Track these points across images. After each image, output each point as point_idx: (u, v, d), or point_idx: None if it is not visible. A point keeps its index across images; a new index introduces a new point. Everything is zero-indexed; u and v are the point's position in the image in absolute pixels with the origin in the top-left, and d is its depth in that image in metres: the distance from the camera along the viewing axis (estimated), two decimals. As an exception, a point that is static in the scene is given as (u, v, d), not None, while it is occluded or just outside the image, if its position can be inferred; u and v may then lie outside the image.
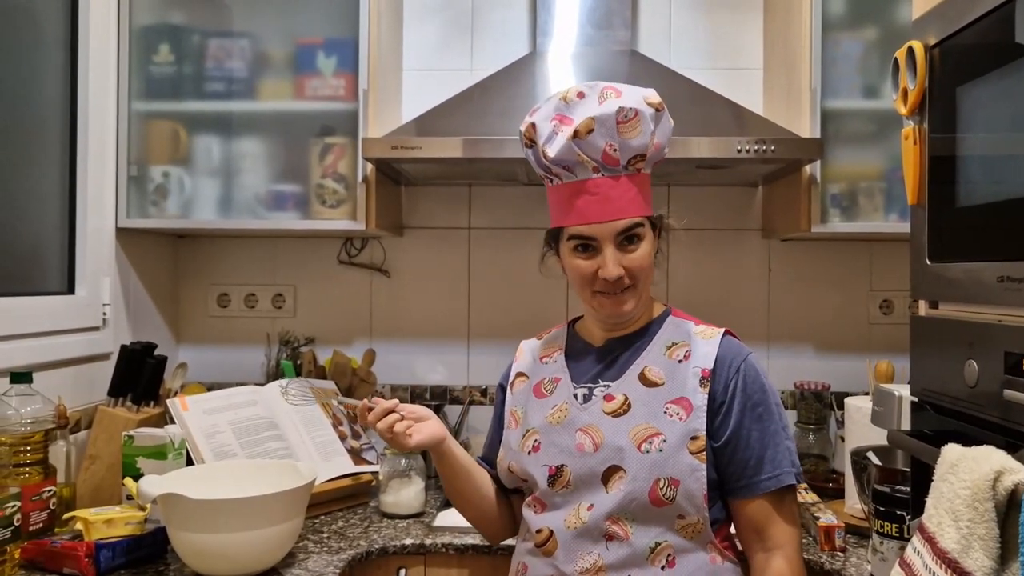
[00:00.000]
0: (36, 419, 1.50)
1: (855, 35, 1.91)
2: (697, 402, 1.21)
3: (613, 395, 1.25)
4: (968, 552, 0.88)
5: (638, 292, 1.25)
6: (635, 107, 1.17)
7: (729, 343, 1.26)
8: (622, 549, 1.18)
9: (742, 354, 1.25)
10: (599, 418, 1.24)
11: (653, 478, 1.18)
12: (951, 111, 1.12)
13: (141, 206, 1.98)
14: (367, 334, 2.34)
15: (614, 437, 1.21)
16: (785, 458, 1.22)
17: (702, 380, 1.22)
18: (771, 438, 1.22)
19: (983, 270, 1.04)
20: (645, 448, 1.19)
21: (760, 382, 1.24)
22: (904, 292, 2.26)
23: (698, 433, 1.19)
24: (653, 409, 1.21)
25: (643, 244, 1.23)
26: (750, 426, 1.21)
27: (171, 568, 1.44)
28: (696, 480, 1.18)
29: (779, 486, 1.21)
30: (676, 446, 1.19)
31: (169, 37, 1.97)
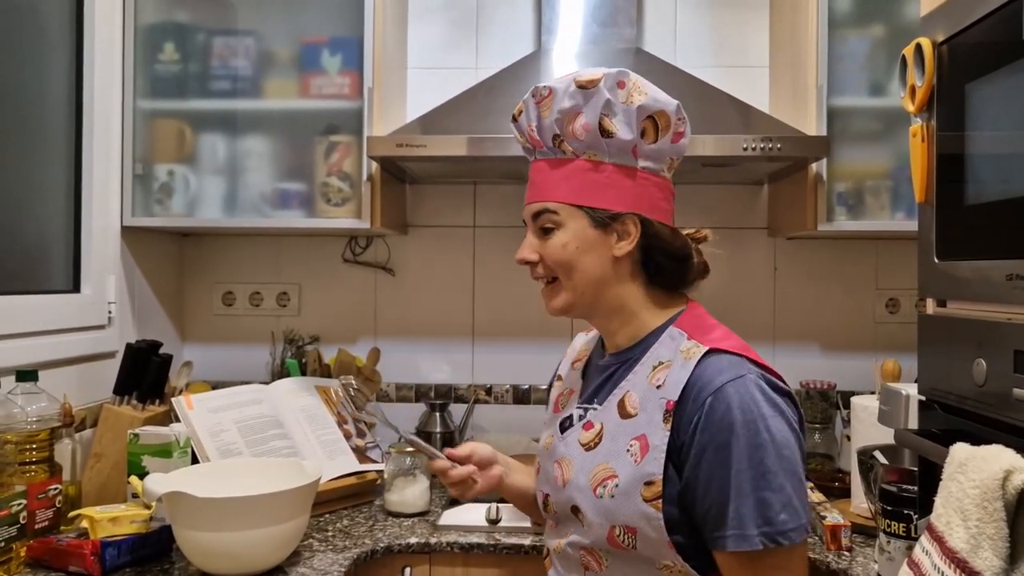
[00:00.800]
0: (42, 417, 1.50)
1: (862, 32, 1.91)
2: (655, 440, 1.06)
3: (592, 423, 1.16)
4: (977, 552, 0.87)
5: (567, 289, 1.15)
6: (552, 85, 1.13)
7: (707, 367, 1.06)
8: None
9: (715, 382, 1.04)
10: (573, 450, 1.17)
11: (608, 525, 1.09)
12: (959, 108, 1.12)
13: (146, 205, 1.98)
14: (372, 332, 2.33)
15: (578, 475, 1.14)
16: (748, 515, 1.00)
17: (665, 414, 1.06)
18: (732, 489, 1.00)
19: (992, 268, 1.03)
20: (600, 492, 1.10)
21: (729, 419, 1.01)
22: (910, 291, 2.25)
23: (653, 478, 1.05)
24: (617, 446, 1.10)
25: (557, 233, 1.13)
26: (709, 472, 1.02)
27: (176, 566, 1.44)
28: (654, 529, 1.05)
29: (736, 548, 1.00)
30: (628, 492, 1.06)
31: (174, 36, 1.97)
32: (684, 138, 1.16)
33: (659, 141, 1.13)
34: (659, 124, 1.12)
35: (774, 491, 1.00)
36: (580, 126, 1.11)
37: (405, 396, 2.32)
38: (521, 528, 1.68)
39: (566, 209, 1.13)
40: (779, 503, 1.00)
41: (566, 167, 1.13)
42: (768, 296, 2.28)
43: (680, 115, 1.15)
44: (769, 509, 1.00)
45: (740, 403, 1.02)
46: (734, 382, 1.04)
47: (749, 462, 1.00)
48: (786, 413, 1.05)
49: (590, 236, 1.13)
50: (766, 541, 0.99)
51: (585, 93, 1.10)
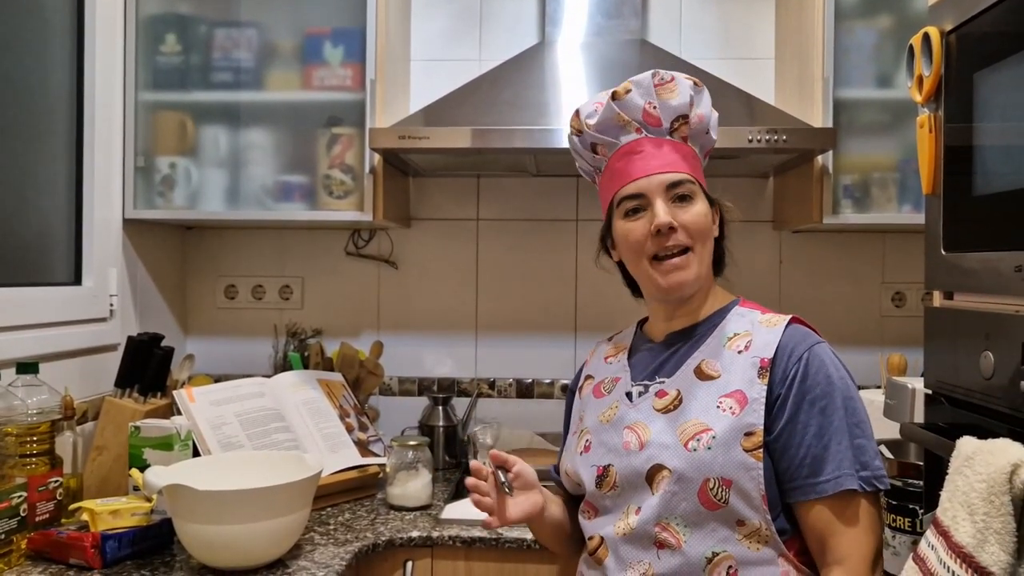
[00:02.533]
0: (43, 410, 1.49)
1: (869, 23, 1.89)
2: (753, 394, 1.10)
3: (666, 391, 1.16)
4: (984, 546, 0.86)
5: (698, 259, 1.17)
6: (674, 75, 1.19)
7: (795, 331, 1.15)
8: (674, 558, 1.09)
9: (807, 342, 1.13)
10: (648, 415, 1.16)
11: (702, 478, 1.08)
12: (967, 98, 1.10)
13: (148, 197, 1.98)
14: (375, 326, 2.33)
15: (660, 434, 1.13)
16: (847, 459, 1.07)
17: (760, 371, 1.11)
18: (833, 435, 1.08)
19: (1000, 260, 1.02)
20: (692, 445, 1.09)
21: (826, 373, 1.10)
22: (916, 285, 2.23)
23: (753, 428, 1.08)
24: (705, 404, 1.12)
25: (697, 203, 1.17)
26: (807, 420, 1.08)
27: (177, 559, 1.43)
28: (752, 480, 1.07)
29: (836, 490, 1.06)
30: (727, 442, 1.08)
31: (176, 27, 1.97)
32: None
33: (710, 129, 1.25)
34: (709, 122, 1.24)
35: (867, 439, 1.10)
36: (696, 116, 1.20)
37: (408, 390, 2.31)
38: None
39: (695, 184, 1.19)
40: (872, 450, 1.10)
41: (681, 149, 1.20)
42: (773, 290, 2.26)
43: None
44: (865, 454, 1.09)
45: (833, 362, 1.13)
46: (820, 344, 1.14)
47: (846, 412, 1.09)
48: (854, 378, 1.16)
49: (710, 211, 1.21)
50: (864, 485, 1.07)
51: (698, 90, 1.21)
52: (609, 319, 2.27)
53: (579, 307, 2.30)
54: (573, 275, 2.30)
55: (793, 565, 1.10)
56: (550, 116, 1.85)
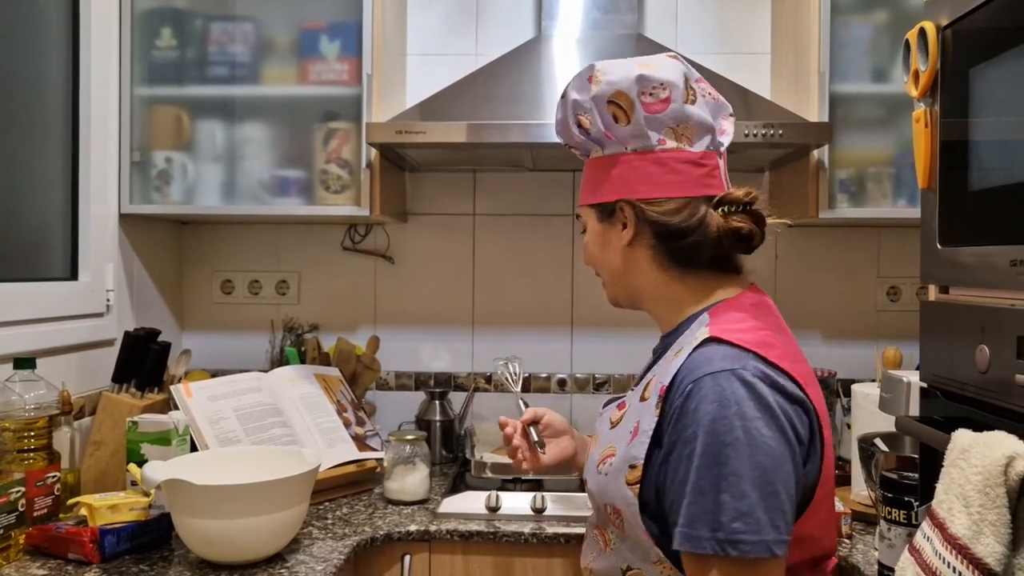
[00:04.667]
0: (40, 405, 1.49)
1: (865, 18, 1.89)
2: (645, 425, 1.03)
3: (625, 403, 1.15)
4: (979, 538, 0.87)
5: (608, 283, 1.20)
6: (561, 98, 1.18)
7: (697, 356, 1.01)
8: (604, 560, 1.13)
9: (699, 371, 0.98)
10: (603, 426, 1.18)
11: (602, 502, 1.09)
12: (963, 93, 1.11)
13: (144, 192, 1.97)
14: (371, 321, 2.33)
15: (597, 450, 1.15)
16: (701, 515, 0.93)
17: (659, 399, 1.02)
18: (693, 484, 0.94)
19: (995, 254, 1.02)
20: (601, 468, 1.09)
21: (698, 411, 0.95)
22: (912, 279, 2.24)
23: (636, 462, 1.01)
24: (626, 427, 1.08)
25: (586, 233, 1.19)
26: (676, 462, 0.97)
27: (176, 554, 1.44)
28: (632, 514, 1.02)
29: (684, 548, 0.94)
30: (616, 472, 1.04)
31: (171, 21, 1.96)
32: (671, 104, 1.08)
33: (632, 120, 1.09)
34: (623, 105, 1.08)
35: (734, 496, 0.92)
36: (572, 131, 1.15)
37: (404, 384, 2.31)
38: (522, 516, 1.68)
39: (585, 210, 1.18)
40: (735, 509, 0.92)
41: (585, 169, 1.19)
42: (769, 284, 2.27)
43: (648, 86, 1.08)
44: (722, 513, 0.92)
45: (718, 396, 0.95)
46: (718, 374, 0.97)
47: (713, 460, 0.93)
48: (779, 418, 0.96)
49: (600, 231, 1.16)
50: (716, 547, 0.92)
51: (563, 102, 1.16)
52: (605, 313, 2.28)
53: (575, 301, 2.31)
54: (569, 269, 2.30)
55: None
56: (546, 111, 1.85)
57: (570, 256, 2.30)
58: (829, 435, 1.04)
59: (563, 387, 2.30)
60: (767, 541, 0.92)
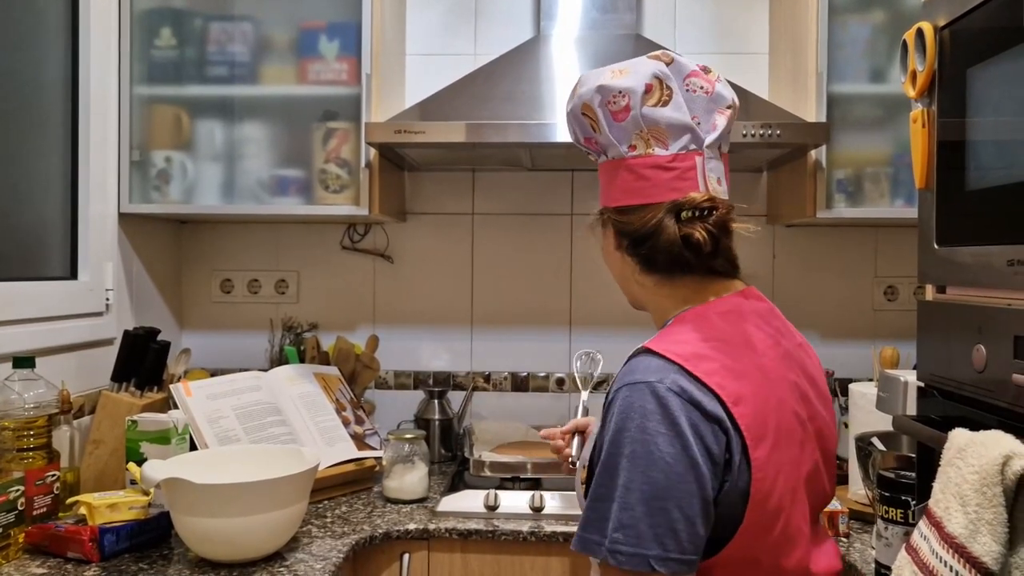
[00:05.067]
0: (39, 404, 1.49)
1: (862, 18, 1.90)
2: (595, 428, 1.09)
3: None
4: (976, 537, 0.87)
5: (619, 288, 1.20)
6: None
7: (629, 365, 1.02)
8: None
9: (621, 381, 1.00)
10: None
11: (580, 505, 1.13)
12: (961, 94, 1.11)
13: (143, 191, 1.97)
14: (370, 320, 2.33)
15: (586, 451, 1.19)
16: (595, 525, 0.96)
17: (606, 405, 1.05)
18: (593, 493, 0.98)
19: (992, 254, 1.03)
20: None
21: (612, 421, 0.98)
22: (909, 278, 2.25)
23: (585, 463, 1.09)
24: None
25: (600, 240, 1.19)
26: (598, 467, 1.00)
27: (175, 552, 1.44)
28: None
29: (576, 550, 0.98)
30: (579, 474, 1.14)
31: (171, 21, 1.96)
32: (630, 111, 1.06)
33: (601, 130, 1.09)
34: (591, 116, 1.10)
35: (621, 507, 0.93)
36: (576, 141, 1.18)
37: (403, 383, 2.32)
38: (521, 515, 1.69)
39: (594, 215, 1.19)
40: (618, 520, 0.93)
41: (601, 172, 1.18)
42: (767, 284, 2.27)
43: (608, 95, 1.07)
44: (605, 520, 0.94)
45: (625, 408, 0.96)
46: (633, 386, 0.97)
47: (608, 470, 0.96)
48: (685, 435, 0.93)
49: (600, 238, 1.18)
50: (605, 553, 0.94)
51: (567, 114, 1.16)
52: (604, 312, 2.28)
53: (574, 301, 2.31)
54: (568, 269, 2.31)
55: None
56: (545, 110, 1.85)
57: (569, 256, 2.30)
58: (763, 456, 0.96)
59: (561, 386, 2.31)
60: (646, 555, 0.91)
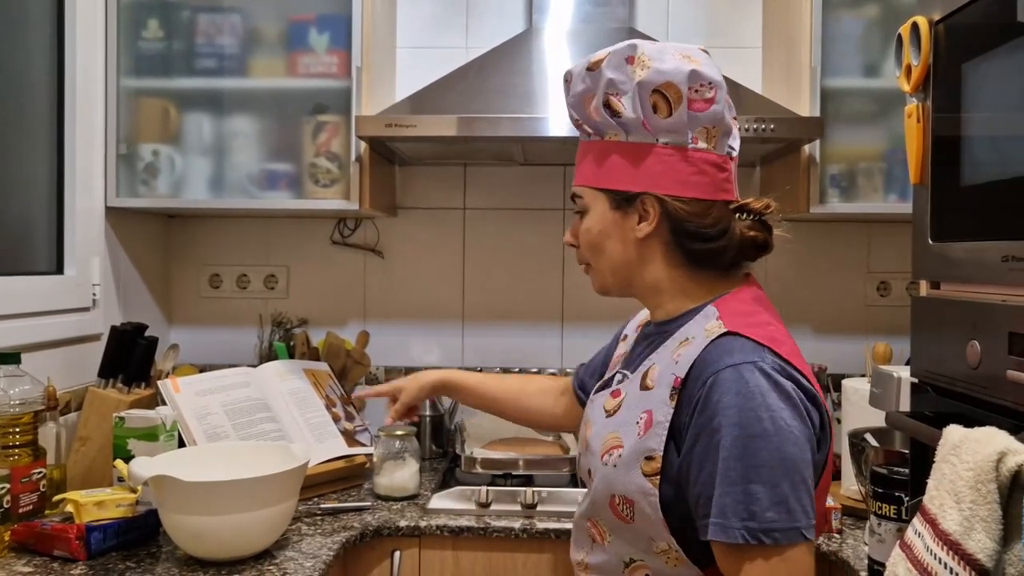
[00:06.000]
0: (25, 400, 1.47)
1: (856, 13, 1.89)
2: (659, 416, 1.03)
3: (620, 391, 1.14)
4: (970, 534, 0.87)
5: (598, 272, 1.16)
6: (571, 69, 1.13)
7: (717, 347, 1.02)
8: (601, 554, 1.13)
9: (720, 363, 0.99)
10: (596, 413, 1.17)
11: (609, 493, 1.08)
12: (956, 88, 1.10)
13: (131, 185, 1.95)
14: (361, 315, 2.32)
15: (594, 439, 1.13)
16: (733, 506, 0.94)
17: (672, 391, 1.02)
18: (723, 475, 0.95)
19: (987, 250, 1.02)
20: (606, 459, 1.08)
21: (721, 403, 0.97)
22: (902, 274, 2.25)
23: (653, 453, 1.02)
24: (631, 416, 1.08)
25: (586, 218, 1.14)
26: (703, 455, 0.98)
27: (163, 550, 1.42)
28: (650, 504, 1.02)
29: (714, 537, 0.96)
30: (629, 463, 1.04)
31: (158, 12, 1.93)
32: (714, 104, 1.07)
33: (675, 114, 1.06)
34: (669, 97, 1.05)
35: (764, 485, 0.94)
36: (593, 108, 1.10)
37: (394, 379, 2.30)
38: (512, 512, 1.68)
39: (590, 192, 1.13)
40: (768, 499, 0.94)
41: (591, 149, 1.13)
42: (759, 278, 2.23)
43: (698, 82, 1.06)
44: (755, 503, 0.94)
45: (742, 388, 0.97)
46: (740, 366, 0.98)
47: (743, 451, 0.95)
48: (800, 408, 0.98)
49: (610, 219, 1.11)
50: (747, 536, 0.94)
51: (592, 75, 1.09)
52: (596, 307, 2.27)
53: (566, 296, 2.30)
54: (560, 264, 2.30)
55: None
56: (537, 104, 1.84)
57: (561, 251, 2.29)
58: (833, 425, 1.08)
59: (553, 382, 2.29)
60: (799, 527, 0.95)
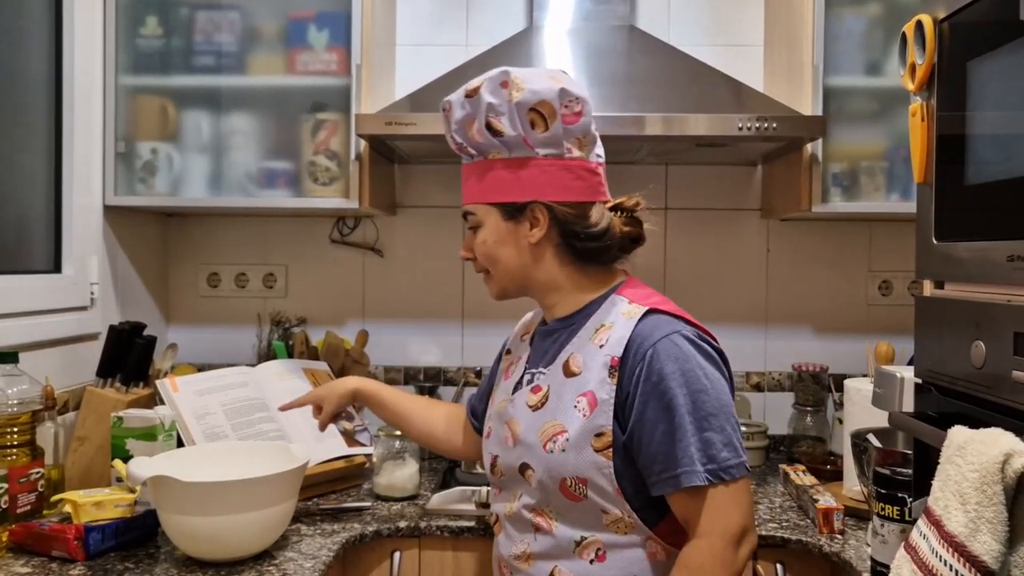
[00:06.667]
0: (23, 400, 1.46)
1: (858, 11, 1.88)
2: (602, 395, 1.15)
3: (540, 386, 1.24)
4: (976, 535, 0.87)
5: (496, 279, 1.28)
6: (450, 99, 1.24)
7: (646, 324, 1.16)
8: (548, 539, 1.20)
9: (653, 337, 1.14)
10: (521, 411, 1.25)
11: (560, 477, 1.17)
12: (960, 87, 1.10)
13: (129, 183, 1.94)
14: (360, 314, 2.31)
15: (527, 433, 1.22)
16: (690, 456, 1.10)
17: (611, 370, 1.15)
18: (677, 431, 1.10)
19: (992, 249, 1.02)
20: (549, 447, 1.18)
21: (665, 369, 1.11)
22: (903, 273, 2.24)
23: (603, 429, 1.14)
24: (564, 403, 1.19)
25: (480, 231, 1.25)
26: (654, 419, 1.12)
27: (161, 551, 1.42)
28: (604, 477, 1.14)
29: (683, 486, 1.10)
30: (579, 444, 1.15)
31: (157, 9, 1.92)
32: (582, 117, 1.19)
33: (550, 128, 1.18)
34: (544, 113, 1.17)
35: (715, 431, 1.11)
36: (475, 131, 1.21)
37: (394, 379, 2.29)
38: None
39: (482, 208, 1.25)
40: (720, 442, 1.11)
41: (477, 169, 1.25)
42: (760, 278, 2.26)
43: (567, 99, 1.18)
44: (712, 447, 1.10)
45: (678, 354, 1.13)
46: (670, 336, 1.14)
47: (692, 406, 1.11)
48: (718, 362, 1.17)
49: (503, 229, 1.23)
50: (711, 477, 1.10)
51: (471, 101, 1.20)
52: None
53: (566, 295, 2.29)
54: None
55: (661, 546, 1.17)
56: (538, 103, 1.82)
57: (561, 249, 2.28)
58: None
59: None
60: (743, 461, 1.13)
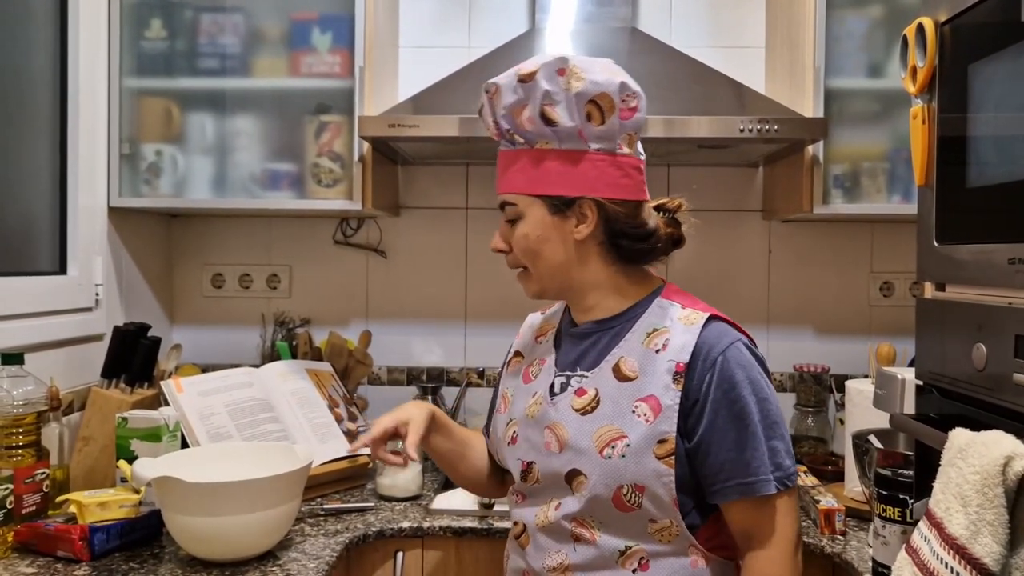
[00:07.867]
0: (28, 401, 1.47)
1: (860, 13, 1.88)
2: (667, 401, 1.12)
3: (585, 389, 1.18)
4: (977, 538, 0.87)
5: (534, 276, 1.21)
6: (498, 81, 1.17)
7: (711, 332, 1.15)
8: (589, 551, 1.15)
9: (721, 344, 1.13)
10: (566, 415, 1.18)
11: (616, 485, 1.12)
12: (961, 89, 1.10)
13: (133, 185, 1.95)
14: (363, 315, 2.31)
15: (577, 438, 1.15)
16: (763, 464, 1.11)
17: (675, 376, 1.12)
18: (749, 440, 1.11)
19: (993, 252, 1.02)
20: (607, 453, 1.12)
21: (736, 377, 1.11)
22: (904, 274, 2.24)
23: (666, 436, 1.11)
24: (621, 407, 1.14)
25: (520, 224, 1.19)
26: (725, 427, 1.11)
27: (166, 551, 1.42)
28: (663, 486, 1.11)
29: (754, 495, 1.11)
30: (640, 451, 1.11)
31: (161, 12, 1.93)
32: (637, 113, 1.15)
33: (607, 122, 1.13)
34: (602, 106, 1.12)
35: (779, 439, 1.13)
36: (526, 118, 1.14)
37: (397, 379, 2.30)
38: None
39: (525, 199, 1.18)
40: (784, 451, 1.13)
41: (522, 158, 1.17)
42: (762, 279, 2.27)
43: (626, 93, 1.13)
44: (777, 455, 1.12)
45: (745, 362, 1.13)
46: (735, 344, 1.14)
47: (760, 415, 1.12)
48: (768, 372, 1.18)
49: (549, 223, 1.17)
50: (779, 485, 1.11)
51: (526, 86, 1.13)
52: (599, 308, 2.26)
53: (569, 296, 2.30)
54: (563, 264, 2.29)
55: (702, 554, 1.15)
56: (541, 104, 1.83)
57: (563, 250, 2.28)
58: None
59: (556, 382, 2.29)
60: (796, 471, 1.16)
